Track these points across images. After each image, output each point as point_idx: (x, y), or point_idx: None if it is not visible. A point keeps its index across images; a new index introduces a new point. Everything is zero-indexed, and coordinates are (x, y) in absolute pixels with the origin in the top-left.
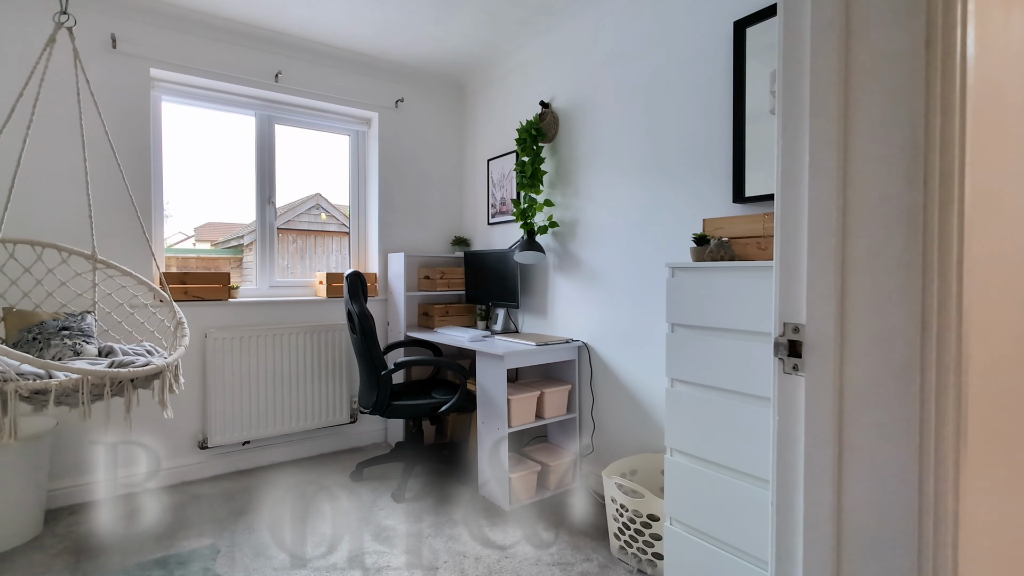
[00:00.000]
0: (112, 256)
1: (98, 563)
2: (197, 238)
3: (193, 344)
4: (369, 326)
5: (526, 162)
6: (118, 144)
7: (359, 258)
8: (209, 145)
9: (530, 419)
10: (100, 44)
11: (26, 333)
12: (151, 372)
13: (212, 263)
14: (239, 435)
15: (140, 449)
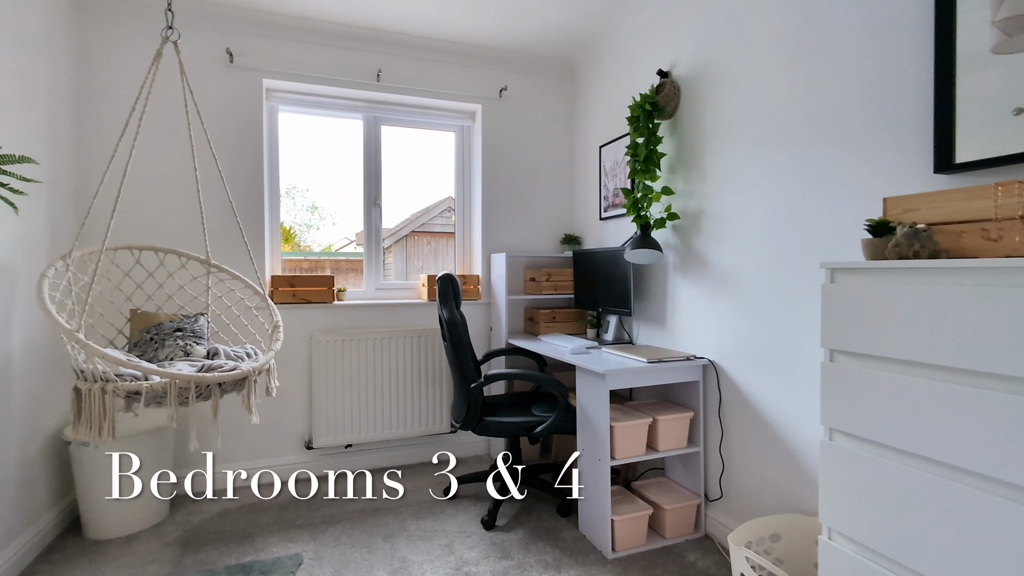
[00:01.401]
0: (233, 261)
1: (196, 558)
2: (357, 243)
3: (299, 346)
4: (458, 334)
5: (639, 144)
6: (239, 154)
7: (464, 259)
8: (351, 152)
9: (639, 451)
10: (218, 60)
11: (145, 334)
12: (237, 377)
13: (342, 265)
14: (341, 438)
15: (253, 444)
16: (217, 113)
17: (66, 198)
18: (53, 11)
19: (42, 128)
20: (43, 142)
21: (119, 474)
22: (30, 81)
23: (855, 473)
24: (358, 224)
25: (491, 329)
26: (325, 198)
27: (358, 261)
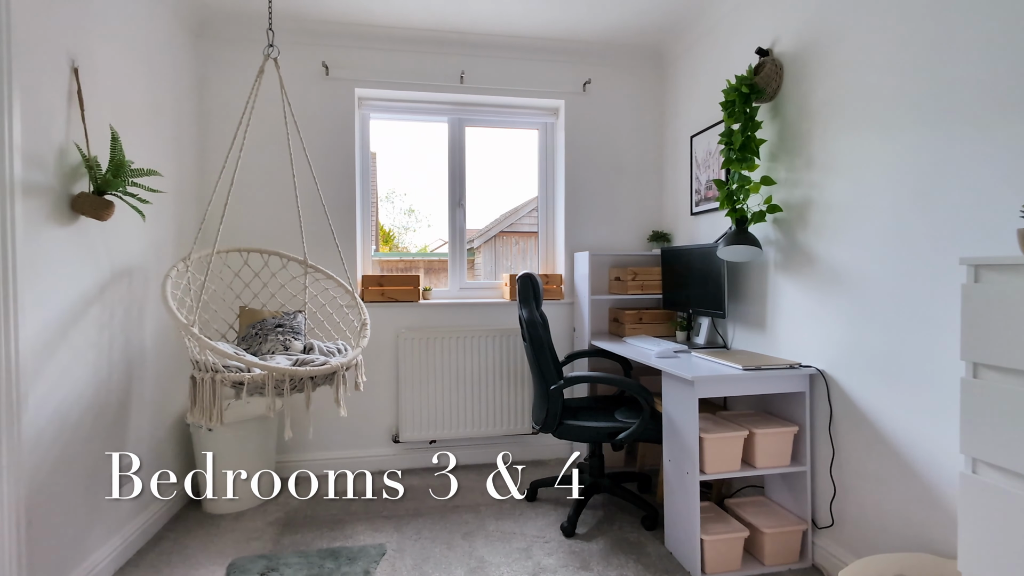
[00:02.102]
0: (328, 262)
1: (293, 539)
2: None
3: (387, 343)
4: (537, 334)
5: (734, 131)
6: (334, 161)
7: (547, 258)
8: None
9: (733, 466)
10: (315, 73)
11: (251, 329)
12: (327, 371)
13: (434, 265)
14: (426, 433)
15: (345, 435)
16: (314, 123)
17: (189, 206)
18: (178, 41)
19: (169, 145)
20: (169, 157)
21: (119, 473)
22: (159, 104)
23: (1005, 515)
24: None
25: (574, 330)
26: (420, 201)
27: (446, 261)
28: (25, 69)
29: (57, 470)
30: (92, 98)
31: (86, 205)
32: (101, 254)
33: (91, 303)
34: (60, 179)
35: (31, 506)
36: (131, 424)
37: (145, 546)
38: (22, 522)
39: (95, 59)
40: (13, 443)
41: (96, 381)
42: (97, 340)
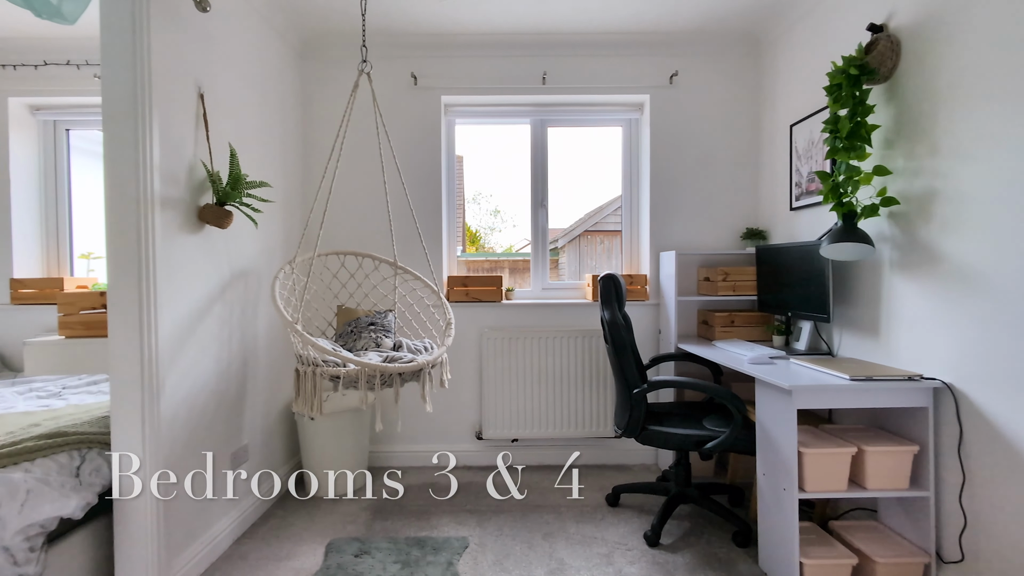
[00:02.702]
0: (416, 263)
1: (384, 525)
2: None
3: (471, 342)
4: (620, 336)
5: (841, 117)
6: (421, 166)
7: (631, 258)
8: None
9: (838, 485)
10: (404, 83)
11: (347, 326)
12: (414, 368)
13: (519, 265)
14: (508, 431)
15: (432, 430)
16: (403, 131)
17: (293, 214)
18: (285, 63)
19: (276, 158)
20: (277, 169)
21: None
22: (269, 121)
23: None
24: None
25: (659, 332)
26: (505, 202)
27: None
28: (162, 98)
29: (187, 448)
30: (214, 119)
31: (210, 215)
32: (222, 258)
33: (214, 301)
34: (190, 192)
35: (166, 479)
36: (246, 410)
37: (257, 521)
38: (160, 491)
39: (217, 85)
40: (155, 422)
41: (218, 371)
42: (219, 334)
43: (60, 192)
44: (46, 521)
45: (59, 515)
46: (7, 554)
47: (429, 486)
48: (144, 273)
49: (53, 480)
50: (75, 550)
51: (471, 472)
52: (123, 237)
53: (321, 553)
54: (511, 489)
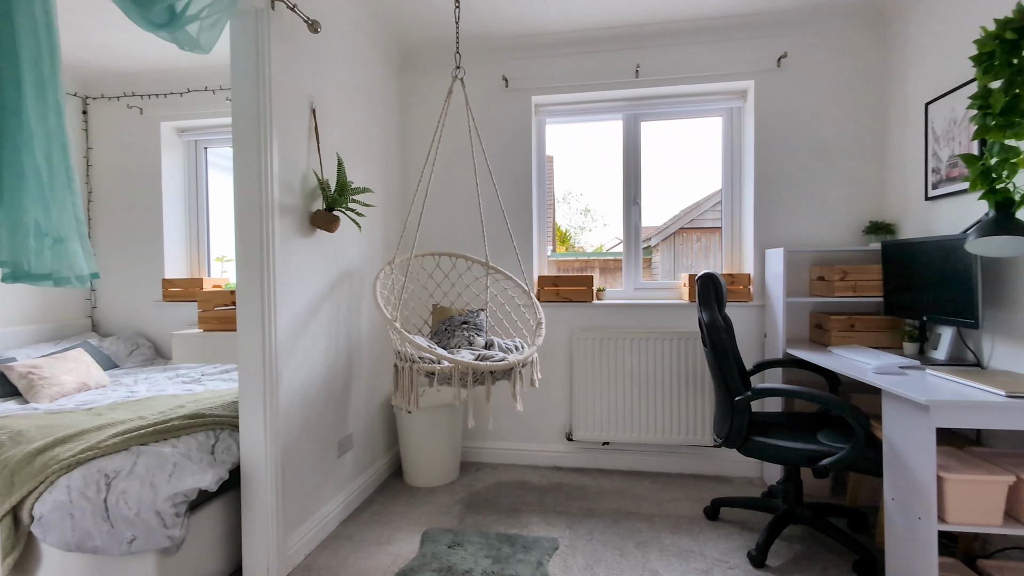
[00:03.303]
0: (507, 264)
1: (476, 519)
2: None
3: (561, 342)
4: (719, 339)
5: (994, 90)
6: (512, 167)
7: (732, 256)
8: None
9: (990, 519)
10: (496, 86)
11: (441, 325)
12: (505, 367)
13: (610, 265)
14: (599, 434)
15: (522, 428)
16: (494, 133)
17: (392, 217)
18: (387, 75)
19: (379, 165)
20: (379, 176)
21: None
22: (371, 130)
23: None
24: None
25: (764, 336)
26: (596, 201)
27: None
28: (280, 115)
29: (300, 434)
30: (324, 131)
31: (320, 220)
32: (331, 260)
33: (324, 300)
34: (303, 200)
35: (284, 460)
36: (351, 401)
37: (361, 505)
38: (279, 471)
39: (326, 99)
40: (273, 410)
41: (327, 364)
42: (327, 330)
43: (200, 203)
44: (188, 491)
45: (198, 487)
46: (159, 517)
47: (519, 484)
48: (265, 274)
49: (194, 455)
50: (210, 518)
51: (561, 473)
52: (249, 241)
53: (417, 541)
54: (603, 494)
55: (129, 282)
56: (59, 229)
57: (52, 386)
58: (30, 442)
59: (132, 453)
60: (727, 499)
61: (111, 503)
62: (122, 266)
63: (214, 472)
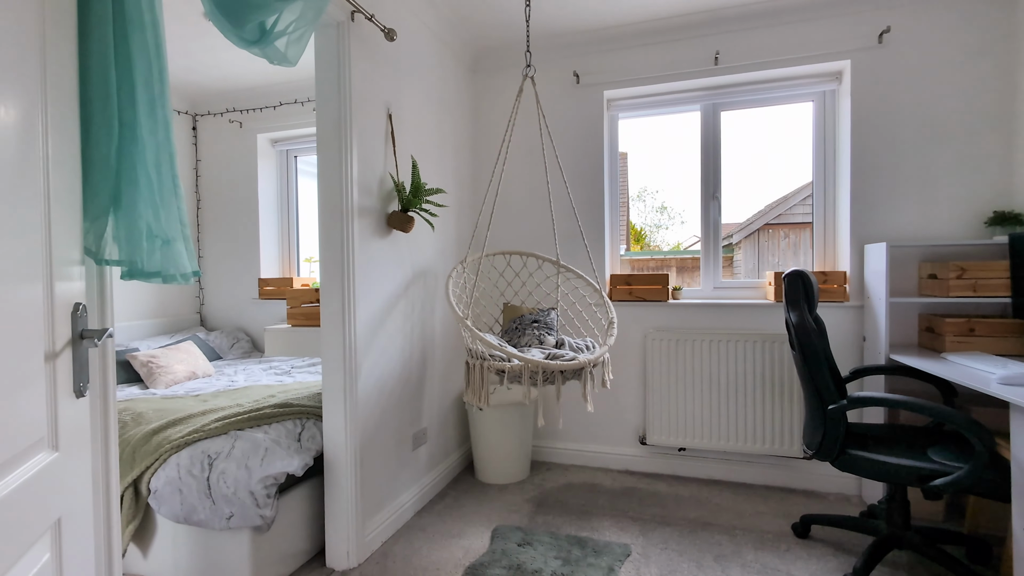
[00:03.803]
0: (578, 262)
1: (545, 519)
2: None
3: (634, 342)
4: (810, 342)
5: None
6: (584, 164)
7: (824, 253)
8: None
9: None
10: (567, 83)
11: (512, 323)
12: (575, 367)
13: (687, 263)
14: (675, 439)
15: (594, 429)
16: (565, 131)
17: (464, 217)
18: (461, 77)
19: (451, 166)
20: (450, 177)
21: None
22: (444, 133)
23: None
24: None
25: (863, 339)
26: (672, 197)
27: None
28: (359, 120)
29: (378, 426)
30: (399, 135)
31: (396, 221)
32: (406, 259)
33: (399, 298)
34: (380, 202)
35: (363, 450)
36: (425, 397)
37: (434, 498)
38: (358, 460)
39: (402, 103)
40: (353, 401)
41: (402, 360)
42: (402, 327)
43: (290, 208)
44: (277, 475)
45: (286, 471)
46: (252, 497)
47: (590, 486)
48: (346, 273)
49: (282, 442)
50: (296, 501)
51: (634, 477)
52: (331, 242)
53: (487, 537)
54: (679, 501)
55: (231, 281)
56: (167, 231)
57: (167, 374)
58: (147, 423)
59: (230, 437)
60: (819, 516)
61: (212, 481)
62: (225, 267)
63: (300, 458)
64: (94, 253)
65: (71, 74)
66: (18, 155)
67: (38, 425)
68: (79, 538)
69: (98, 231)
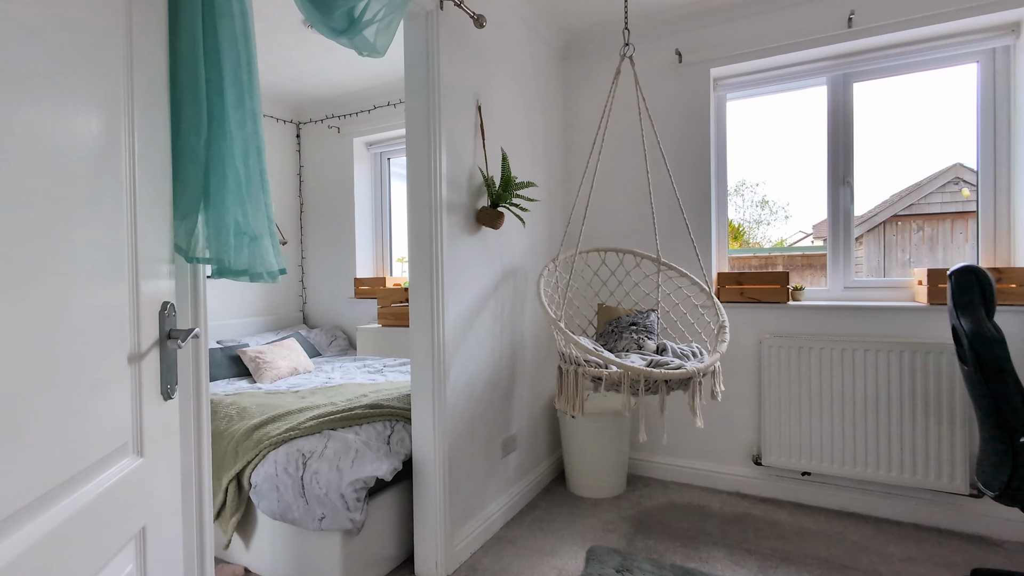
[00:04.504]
0: (680, 259)
1: (646, 543)
2: (816, 235)
3: (747, 349)
4: (991, 356)
5: None
6: (686, 152)
7: (996, 246)
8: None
9: None
10: (668, 63)
11: (607, 326)
12: (682, 376)
13: (796, 261)
14: (796, 462)
15: (699, 444)
16: (666, 116)
17: (555, 212)
18: (549, 66)
19: (541, 159)
20: (541, 170)
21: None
22: (533, 124)
23: None
24: (814, 215)
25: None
26: (776, 191)
27: (816, 256)
28: (448, 113)
29: (467, 431)
30: (489, 128)
31: (485, 217)
32: (495, 257)
33: (488, 298)
34: (469, 197)
35: (451, 456)
36: (515, 401)
37: (523, 509)
38: (447, 466)
39: (491, 94)
40: (441, 405)
41: (491, 362)
42: (492, 328)
43: (384, 209)
44: (367, 478)
45: (375, 475)
46: (343, 500)
47: (696, 509)
48: (434, 271)
49: (372, 444)
50: (385, 506)
51: (747, 502)
52: (419, 239)
53: (582, 558)
54: (803, 535)
55: (329, 281)
56: (254, 228)
57: (272, 369)
58: (250, 418)
59: (323, 436)
60: (999, 572)
61: (306, 481)
62: (325, 267)
63: (389, 462)
64: (184, 251)
65: (159, 64)
66: (98, 150)
67: (121, 430)
68: (166, 546)
69: (189, 228)
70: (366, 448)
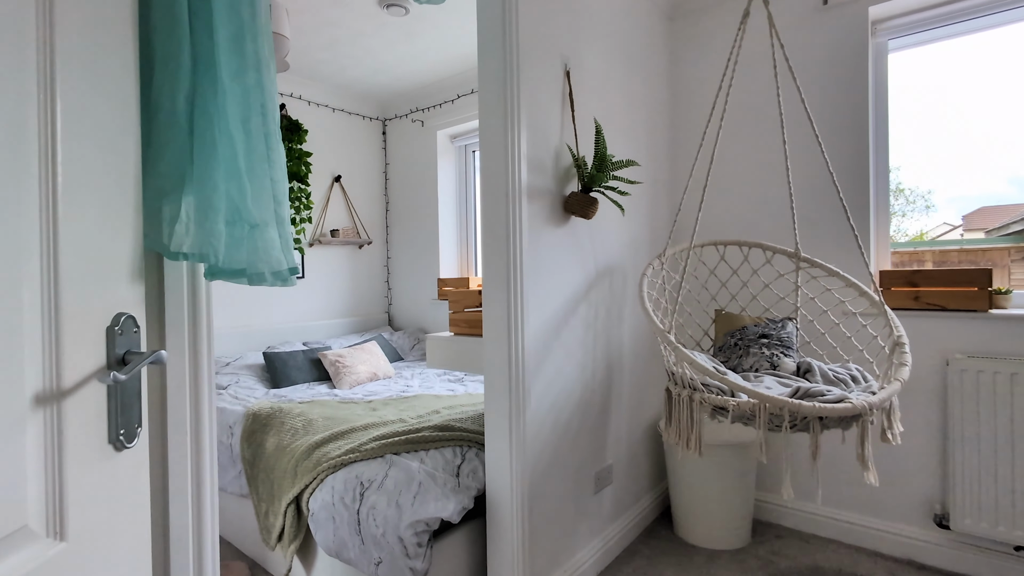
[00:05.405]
0: (825, 254)
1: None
2: (966, 227)
3: (924, 372)
4: None
5: None
6: (835, 119)
7: None
8: (991, 88)
9: None
10: (807, 8)
11: (729, 338)
12: (845, 413)
13: (977, 257)
14: (1003, 530)
15: (854, 490)
16: (806, 73)
17: (662, 197)
18: (653, 26)
19: (642, 133)
20: (643, 146)
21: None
22: (633, 94)
23: None
24: (963, 205)
25: None
26: (913, 176)
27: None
28: (528, 80)
29: (552, 463)
30: (580, 98)
31: (575, 204)
32: (587, 253)
33: (579, 302)
34: (555, 181)
35: (532, 495)
36: (611, 426)
37: (621, 555)
38: (527, 506)
39: (583, 59)
40: (520, 432)
41: (583, 379)
42: (583, 338)
43: (468, 204)
44: (430, 519)
45: (440, 516)
46: (401, 544)
47: (849, 573)
48: (512, 270)
49: (438, 476)
50: (453, 551)
51: (925, 575)
52: (494, 232)
53: None
54: None
55: (414, 281)
56: (255, 213)
57: (351, 374)
58: (314, 433)
59: (385, 462)
60: None
61: (362, 516)
62: (409, 267)
63: (456, 500)
64: (165, 244)
65: None
66: None
67: (16, 505)
68: None
69: (172, 213)
70: (431, 481)
